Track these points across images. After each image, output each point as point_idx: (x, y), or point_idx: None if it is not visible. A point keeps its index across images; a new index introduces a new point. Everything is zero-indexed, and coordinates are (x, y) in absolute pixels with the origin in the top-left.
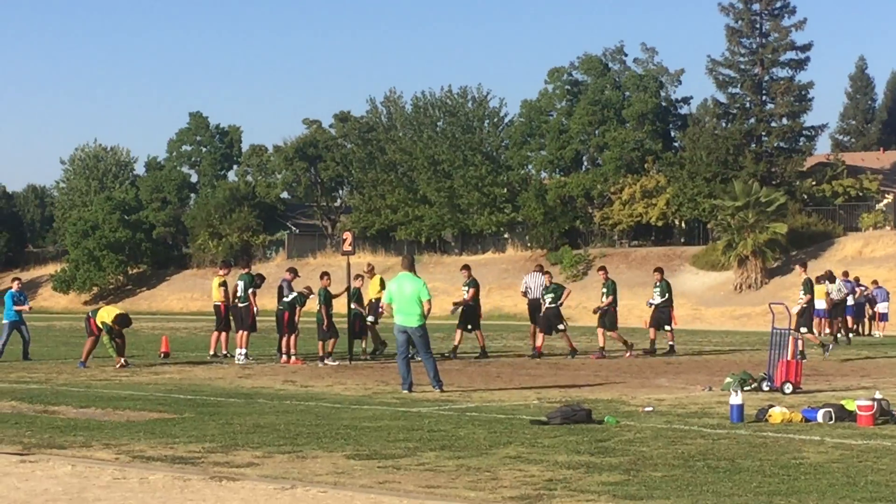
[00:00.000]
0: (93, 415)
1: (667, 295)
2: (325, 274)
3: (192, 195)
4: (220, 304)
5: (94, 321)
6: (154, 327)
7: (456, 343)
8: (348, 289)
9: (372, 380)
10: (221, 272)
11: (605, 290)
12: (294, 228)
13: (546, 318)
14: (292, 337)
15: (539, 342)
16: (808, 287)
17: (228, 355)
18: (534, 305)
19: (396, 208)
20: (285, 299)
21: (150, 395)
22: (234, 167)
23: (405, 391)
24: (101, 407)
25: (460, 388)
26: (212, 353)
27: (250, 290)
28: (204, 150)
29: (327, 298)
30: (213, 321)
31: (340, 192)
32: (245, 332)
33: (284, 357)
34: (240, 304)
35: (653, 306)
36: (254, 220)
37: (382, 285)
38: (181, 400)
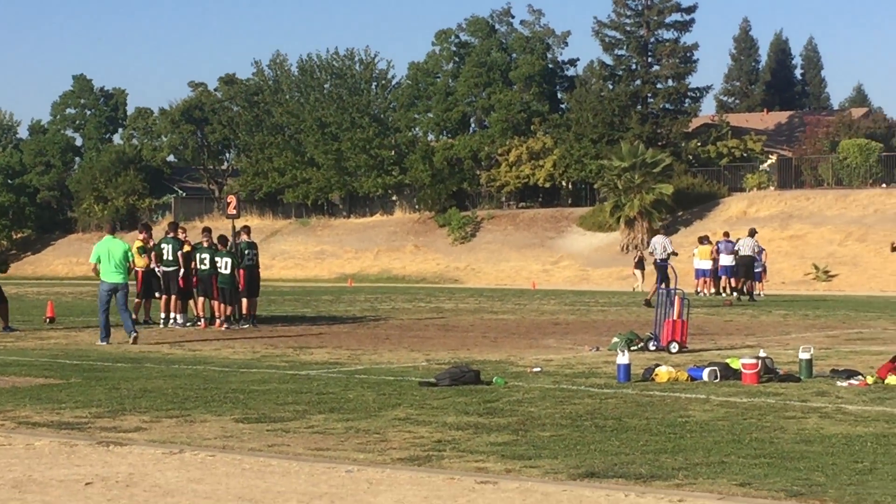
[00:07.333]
0: None
1: None
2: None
3: (77, 159)
4: (139, 270)
5: None
6: (39, 292)
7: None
8: (234, 250)
9: (260, 343)
10: (141, 237)
11: None
12: (181, 192)
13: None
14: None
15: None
16: None
17: (151, 322)
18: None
19: (284, 171)
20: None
21: (35, 361)
22: (120, 130)
23: (103, 343)
24: None
25: (349, 349)
26: (142, 320)
27: (179, 253)
28: (88, 113)
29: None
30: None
31: (227, 155)
32: (176, 297)
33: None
34: (167, 269)
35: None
36: (140, 184)
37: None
38: (67, 365)
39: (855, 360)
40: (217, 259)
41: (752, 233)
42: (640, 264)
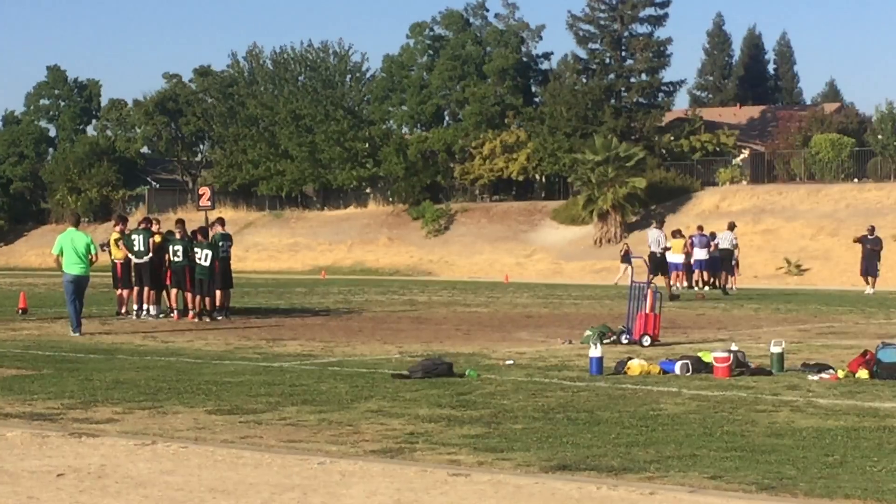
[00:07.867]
0: None
1: None
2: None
3: (51, 150)
4: (117, 261)
5: None
6: (11, 283)
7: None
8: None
9: (234, 335)
10: (117, 228)
11: None
12: (154, 183)
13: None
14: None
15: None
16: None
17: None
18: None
19: (258, 163)
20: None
21: (7, 352)
22: (94, 121)
23: (75, 334)
24: None
25: (322, 342)
26: (123, 311)
27: (151, 241)
28: (62, 103)
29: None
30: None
31: (201, 146)
32: (149, 288)
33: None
34: (139, 261)
35: None
36: (113, 175)
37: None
38: (40, 356)
39: (826, 354)
40: (197, 250)
41: (732, 226)
42: (626, 258)
